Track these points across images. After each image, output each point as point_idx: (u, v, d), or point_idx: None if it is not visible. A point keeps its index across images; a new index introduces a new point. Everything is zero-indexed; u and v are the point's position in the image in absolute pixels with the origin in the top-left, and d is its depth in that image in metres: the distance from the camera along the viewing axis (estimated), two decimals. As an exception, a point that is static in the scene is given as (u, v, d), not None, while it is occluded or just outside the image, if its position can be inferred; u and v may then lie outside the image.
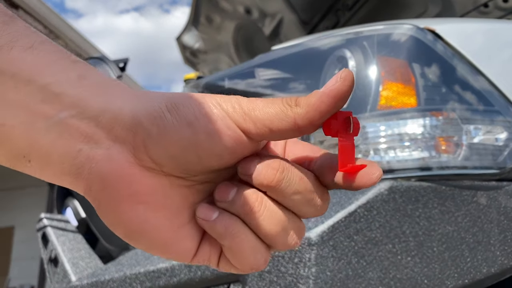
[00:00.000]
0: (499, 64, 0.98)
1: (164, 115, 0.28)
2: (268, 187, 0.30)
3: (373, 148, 0.87)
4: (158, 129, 0.28)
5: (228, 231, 0.29)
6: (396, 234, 0.78)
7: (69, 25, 4.89)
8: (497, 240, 0.82)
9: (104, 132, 0.28)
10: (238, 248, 0.30)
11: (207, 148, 0.29)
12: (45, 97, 0.27)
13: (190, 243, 0.31)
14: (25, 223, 6.06)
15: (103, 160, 0.28)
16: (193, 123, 0.28)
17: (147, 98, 0.29)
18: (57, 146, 0.28)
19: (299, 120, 0.29)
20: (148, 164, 0.29)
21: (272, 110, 0.29)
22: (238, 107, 0.30)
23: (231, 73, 1.22)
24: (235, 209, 0.30)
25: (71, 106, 0.28)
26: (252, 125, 0.29)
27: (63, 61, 0.29)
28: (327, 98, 0.29)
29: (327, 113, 0.29)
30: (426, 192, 0.81)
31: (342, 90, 0.29)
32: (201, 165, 0.29)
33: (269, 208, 0.30)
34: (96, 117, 0.28)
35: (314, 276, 0.73)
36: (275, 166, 0.30)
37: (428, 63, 0.92)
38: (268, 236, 0.30)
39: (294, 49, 1.08)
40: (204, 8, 2.54)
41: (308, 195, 0.31)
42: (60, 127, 0.28)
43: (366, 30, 0.97)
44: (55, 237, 1.27)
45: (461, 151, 0.86)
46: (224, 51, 2.81)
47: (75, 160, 0.28)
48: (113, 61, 1.26)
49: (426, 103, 0.88)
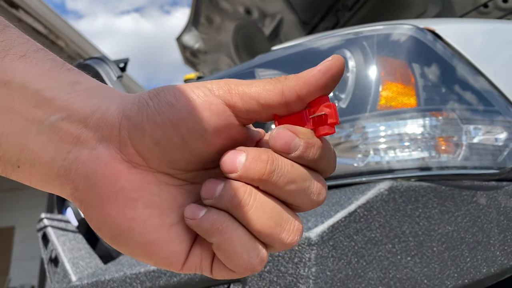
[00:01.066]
0: (499, 64, 0.98)
1: (147, 103, 0.29)
2: (259, 181, 0.28)
3: (373, 148, 0.87)
4: (142, 117, 0.28)
5: (215, 227, 0.28)
6: (396, 234, 0.78)
7: (69, 25, 4.89)
8: (497, 240, 0.83)
9: (91, 132, 0.28)
10: (228, 246, 0.28)
11: (190, 127, 0.28)
12: (37, 102, 0.28)
13: (180, 246, 0.29)
14: (25, 223, 6.06)
15: (89, 159, 0.28)
16: (173, 104, 0.28)
17: (134, 95, 0.30)
18: (47, 149, 0.28)
19: (287, 90, 0.28)
20: (134, 158, 0.29)
21: (261, 83, 0.29)
22: (224, 84, 0.29)
23: (231, 73, 1.22)
24: (223, 204, 0.28)
25: (61, 110, 0.28)
26: (238, 99, 0.29)
27: (56, 68, 0.29)
28: (318, 73, 0.28)
29: (316, 87, 0.28)
30: (426, 192, 0.81)
31: (333, 66, 0.28)
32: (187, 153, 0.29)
33: (260, 200, 0.28)
34: (85, 119, 0.28)
35: (314, 276, 0.73)
36: (264, 158, 0.28)
37: (428, 63, 0.92)
38: (261, 231, 0.28)
39: (294, 49, 1.08)
40: (204, 8, 2.54)
41: (303, 184, 0.29)
42: (50, 131, 0.28)
43: (366, 30, 0.97)
44: (56, 237, 1.27)
45: (461, 151, 0.86)
46: (224, 51, 2.81)
47: (64, 162, 0.28)
48: (113, 61, 1.26)
49: (426, 103, 0.88)
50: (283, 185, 0.28)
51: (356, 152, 0.88)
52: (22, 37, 0.29)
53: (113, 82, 1.15)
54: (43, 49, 0.30)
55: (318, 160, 0.29)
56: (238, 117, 0.29)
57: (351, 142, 0.89)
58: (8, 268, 6.32)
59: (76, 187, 0.28)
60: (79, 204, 0.29)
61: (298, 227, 0.30)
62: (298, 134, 0.28)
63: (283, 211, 0.29)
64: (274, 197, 0.29)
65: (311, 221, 0.78)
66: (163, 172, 0.29)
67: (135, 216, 0.28)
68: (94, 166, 0.28)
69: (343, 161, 0.90)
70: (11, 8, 4.19)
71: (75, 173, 0.28)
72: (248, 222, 0.28)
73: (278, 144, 0.28)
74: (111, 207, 0.28)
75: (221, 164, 0.29)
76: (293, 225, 0.29)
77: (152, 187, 0.29)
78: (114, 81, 1.15)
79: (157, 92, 0.29)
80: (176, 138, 0.28)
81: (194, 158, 0.29)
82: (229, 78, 0.30)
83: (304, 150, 0.28)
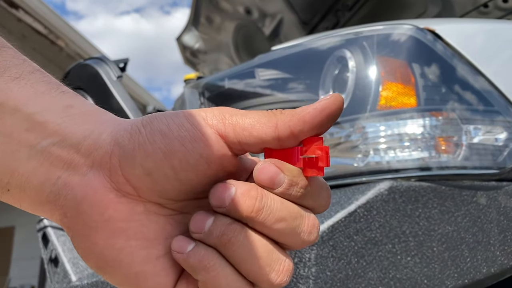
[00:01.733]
0: (499, 64, 0.98)
1: (139, 130, 0.28)
2: (248, 218, 0.27)
3: (373, 148, 0.87)
4: (133, 145, 0.28)
5: (202, 264, 0.27)
6: (396, 234, 0.78)
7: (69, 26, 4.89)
8: (496, 240, 0.83)
9: (82, 158, 0.28)
10: (214, 284, 0.27)
11: (181, 158, 0.27)
12: (30, 126, 0.27)
13: (165, 279, 0.29)
14: (25, 223, 6.06)
15: (79, 186, 0.28)
16: (166, 133, 0.28)
17: (127, 122, 0.29)
18: (37, 174, 0.28)
19: (281, 125, 0.28)
20: (124, 187, 0.28)
21: (255, 115, 0.28)
22: (218, 112, 0.29)
23: (231, 73, 1.22)
24: (212, 240, 0.27)
25: (53, 134, 0.28)
26: (231, 129, 0.28)
27: (51, 91, 0.29)
28: (314, 110, 0.28)
29: (311, 125, 0.28)
30: (426, 192, 0.81)
31: (330, 106, 0.28)
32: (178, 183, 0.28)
33: (249, 239, 0.27)
34: (77, 144, 0.28)
35: (314, 276, 0.73)
36: (252, 194, 0.27)
37: (428, 63, 0.92)
38: (250, 271, 0.28)
39: (294, 49, 1.08)
40: (204, 8, 2.54)
41: (293, 222, 0.28)
42: (42, 155, 0.28)
43: (366, 30, 0.97)
44: (55, 237, 1.27)
45: (461, 151, 0.86)
46: (224, 51, 2.81)
47: (53, 187, 0.28)
48: (113, 61, 1.26)
49: (426, 103, 0.88)
50: (271, 223, 0.27)
51: (356, 152, 0.88)
52: (18, 58, 0.29)
53: (113, 82, 1.15)
54: (39, 70, 0.29)
55: (303, 198, 0.29)
56: (230, 147, 0.28)
57: (351, 142, 0.89)
58: (8, 268, 6.32)
59: (65, 214, 0.28)
60: (67, 231, 0.29)
61: (288, 267, 0.29)
62: (284, 170, 0.28)
63: (273, 250, 0.28)
64: (264, 235, 0.28)
65: (311, 221, 0.78)
66: (153, 201, 0.29)
67: (122, 247, 0.28)
68: (83, 193, 0.28)
69: (343, 161, 0.89)
70: (11, 8, 4.19)
71: (64, 199, 0.28)
72: (236, 261, 0.28)
73: (261, 177, 0.28)
74: (99, 237, 0.28)
75: (209, 197, 0.28)
76: (283, 266, 0.28)
77: (141, 217, 0.28)
78: (114, 81, 1.15)
79: (150, 119, 0.29)
80: (167, 169, 0.27)
81: (185, 188, 0.28)
82: (224, 107, 0.29)
83: (287, 187, 0.28)
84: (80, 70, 1.29)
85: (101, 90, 1.16)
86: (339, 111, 0.28)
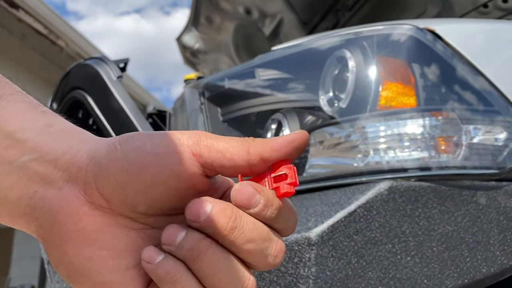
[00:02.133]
0: (499, 64, 0.98)
1: (115, 147, 0.29)
2: (220, 235, 0.28)
3: (373, 148, 0.87)
4: (109, 160, 0.29)
5: (169, 276, 0.28)
6: (395, 234, 0.78)
7: (69, 26, 4.89)
8: (496, 240, 0.83)
9: (59, 172, 0.29)
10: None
11: (153, 173, 0.28)
12: (10, 143, 0.28)
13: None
14: (25, 223, 6.06)
15: (54, 198, 0.29)
16: (140, 150, 0.29)
17: (105, 140, 0.30)
18: (15, 189, 0.29)
19: (252, 149, 0.29)
20: (98, 200, 0.29)
21: (229, 140, 0.30)
22: (194, 135, 0.30)
23: (231, 73, 1.22)
24: (181, 253, 0.28)
25: (33, 150, 0.29)
26: (205, 150, 0.29)
27: (31, 110, 0.30)
28: (283, 141, 0.30)
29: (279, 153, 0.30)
30: (426, 192, 0.81)
31: (298, 140, 0.30)
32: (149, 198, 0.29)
33: (218, 256, 0.28)
34: (55, 159, 0.29)
35: (314, 276, 0.73)
36: (228, 213, 0.28)
37: (428, 63, 0.92)
38: (215, 287, 0.29)
39: (294, 49, 1.08)
40: (204, 8, 2.54)
41: (262, 244, 0.29)
42: (20, 171, 0.29)
43: (365, 31, 0.97)
44: (56, 237, 1.27)
45: (460, 151, 0.86)
46: (224, 52, 2.81)
47: (30, 201, 0.29)
48: (113, 61, 1.26)
49: (425, 103, 0.88)
50: (242, 243, 0.29)
51: (356, 152, 0.88)
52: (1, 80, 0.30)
53: (113, 82, 1.15)
54: (20, 92, 0.30)
55: (275, 219, 0.30)
56: (203, 167, 0.30)
57: (351, 142, 0.89)
58: (8, 268, 6.32)
59: (40, 225, 0.29)
60: (42, 241, 0.30)
61: (252, 285, 0.30)
62: (260, 191, 0.29)
63: (240, 269, 0.29)
64: (232, 253, 0.29)
65: (311, 221, 0.78)
66: (125, 215, 0.30)
67: (92, 256, 0.29)
68: (59, 205, 0.29)
69: (343, 161, 0.90)
70: (11, 8, 4.19)
71: (40, 211, 0.29)
72: (202, 276, 0.29)
73: (239, 198, 0.29)
74: (70, 246, 0.29)
75: (185, 210, 0.29)
76: (247, 284, 0.30)
77: (113, 229, 0.30)
78: (114, 81, 1.15)
79: (127, 137, 0.30)
80: (139, 183, 0.29)
81: (155, 204, 0.30)
82: (200, 131, 0.31)
83: (263, 208, 0.29)
84: (80, 70, 1.29)
85: (101, 90, 1.16)
86: (304, 145, 0.30)
